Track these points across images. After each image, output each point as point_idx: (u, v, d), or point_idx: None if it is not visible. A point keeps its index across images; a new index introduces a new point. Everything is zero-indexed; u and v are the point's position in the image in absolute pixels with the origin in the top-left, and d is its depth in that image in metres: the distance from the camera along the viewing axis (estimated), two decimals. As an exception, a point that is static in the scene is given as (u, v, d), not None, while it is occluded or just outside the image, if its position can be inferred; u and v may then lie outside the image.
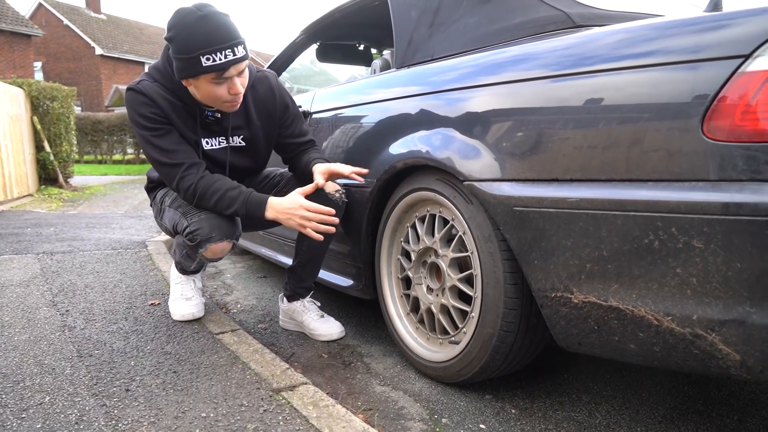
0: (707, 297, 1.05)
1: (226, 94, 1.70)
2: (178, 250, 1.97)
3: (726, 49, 1.02)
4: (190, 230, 1.78)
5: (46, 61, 25.81)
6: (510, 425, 1.48)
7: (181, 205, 1.87)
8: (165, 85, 1.77)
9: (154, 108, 1.74)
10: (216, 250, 1.83)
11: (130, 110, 1.77)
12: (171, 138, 1.78)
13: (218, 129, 1.89)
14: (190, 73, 1.64)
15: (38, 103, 8.40)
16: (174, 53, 1.63)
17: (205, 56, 1.59)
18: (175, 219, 1.87)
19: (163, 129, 1.77)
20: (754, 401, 1.61)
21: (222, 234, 1.79)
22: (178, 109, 1.79)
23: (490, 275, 1.45)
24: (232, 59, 1.62)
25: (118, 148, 16.66)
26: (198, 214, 1.80)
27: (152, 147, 1.77)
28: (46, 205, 6.72)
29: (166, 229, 2.01)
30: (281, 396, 1.48)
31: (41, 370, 1.62)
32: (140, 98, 1.74)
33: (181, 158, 1.77)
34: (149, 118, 1.74)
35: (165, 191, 2.01)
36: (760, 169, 0.97)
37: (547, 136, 1.27)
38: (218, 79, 1.65)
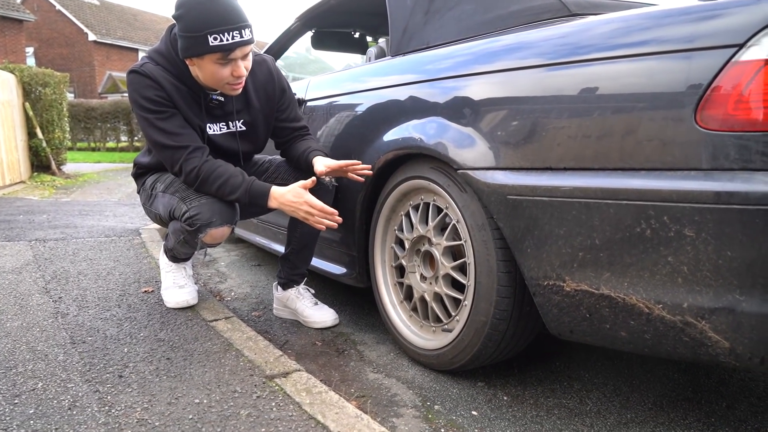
0: (698, 285, 1.05)
1: (229, 75, 1.70)
2: (173, 237, 1.95)
3: (720, 39, 1.02)
4: (190, 215, 1.78)
5: (38, 47, 25.54)
6: (502, 412, 1.50)
7: (179, 190, 1.85)
8: (168, 69, 1.76)
9: (159, 90, 1.73)
10: (216, 235, 1.82)
11: (133, 93, 1.75)
12: (175, 121, 1.77)
13: (221, 113, 1.88)
14: (196, 51, 1.64)
15: (30, 89, 8.31)
16: (181, 31, 1.63)
17: (212, 35, 1.60)
18: (172, 204, 1.85)
19: (168, 112, 1.76)
20: (743, 388, 1.63)
21: (222, 219, 1.79)
22: (183, 93, 1.78)
23: (483, 263, 1.45)
24: (239, 41, 1.63)
25: (112, 135, 16.54)
26: (198, 199, 1.79)
27: (156, 130, 1.75)
28: (38, 192, 6.68)
29: (156, 216, 2.00)
30: (274, 383, 1.48)
31: (34, 356, 1.62)
32: (145, 81, 1.73)
33: (186, 141, 1.76)
34: (154, 101, 1.73)
35: (156, 177, 1.99)
36: (752, 158, 0.98)
37: (542, 125, 1.27)
38: (223, 60, 1.66)
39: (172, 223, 1.92)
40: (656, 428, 1.41)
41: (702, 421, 1.45)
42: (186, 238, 1.86)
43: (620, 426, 1.43)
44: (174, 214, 1.85)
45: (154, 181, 1.99)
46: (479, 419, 1.46)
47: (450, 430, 1.41)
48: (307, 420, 1.30)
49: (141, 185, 2.06)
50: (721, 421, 1.45)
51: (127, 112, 15.04)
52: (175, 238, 1.93)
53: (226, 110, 1.88)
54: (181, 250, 2.01)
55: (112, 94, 23.30)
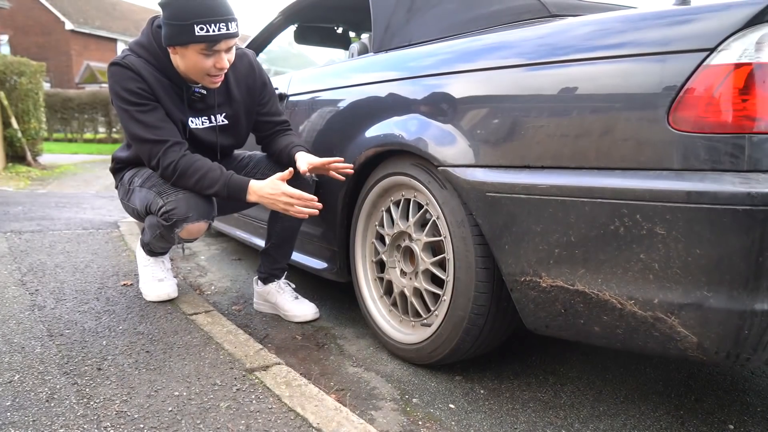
0: (668, 282, 1.09)
1: (212, 67, 1.70)
2: (149, 231, 1.94)
3: (692, 43, 1.05)
4: (166, 209, 1.77)
5: (13, 35, 24.92)
6: (478, 405, 1.53)
7: (156, 185, 1.84)
8: (150, 61, 1.75)
9: (141, 83, 1.72)
10: (192, 230, 1.82)
11: (114, 85, 1.73)
12: (156, 114, 1.75)
13: (203, 107, 1.87)
14: (181, 40, 1.63)
15: (5, 78, 8.13)
16: (167, 18, 1.63)
17: (199, 25, 1.60)
18: (149, 198, 1.84)
19: (149, 105, 1.74)
20: (711, 382, 1.68)
21: (199, 214, 1.78)
22: (165, 86, 1.77)
23: (462, 259, 1.48)
24: (225, 33, 1.64)
25: (89, 126, 16.23)
26: (175, 194, 1.78)
27: (135, 123, 1.74)
28: (13, 183, 6.55)
29: (133, 211, 1.98)
30: (254, 376, 1.49)
31: (10, 348, 1.61)
32: (127, 73, 1.71)
33: (165, 135, 1.75)
34: (135, 93, 1.72)
35: (134, 172, 1.97)
36: (720, 159, 1.01)
37: (521, 123, 1.30)
38: (207, 50, 1.66)
39: (148, 218, 1.91)
40: (627, 421, 1.46)
41: (671, 414, 1.49)
42: (162, 233, 1.85)
43: (593, 418, 1.47)
44: (150, 208, 1.84)
45: (132, 176, 1.97)
46: (456, 412, 1.49)
47: (428, 422, 1.44)
48: (286, 412, 1.31)
49: (119, 180, 2.04)
50: (690, 414, 1.49)
51: (105, 103, 14.77)
52: (152, 232, 1.91)
53: (208, 103, 1.88)
54: (157, 245, 2.00)
55: (90, 85, 22.87)
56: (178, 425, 1.25)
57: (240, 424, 1.25)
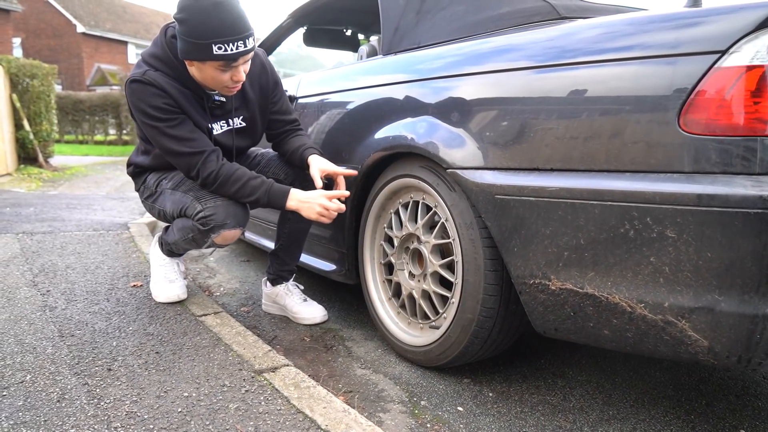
0: (678, 285, 1.08)
1: (228, 80, 1.70)
2: (179, 233, 1.93)
3: (703, 45, 1.05)
4: (205, 215, 1.78)
5: (26, 38, 25.21)
6: (487, 408, 1.52)
7: (192, 189, 1.85)
8: (169, 73, 1.73)
9: (166, 98, 1.71)
10: (228, 237, 1.83)
11: (139, 102, 1.71)
12: (186, 126, 1.75)
13: (221, 113, 1.88)
14: (198, 57, 1.62)
15: (17, 81, 8.21)
16: (183, 35, 1.60)
17: (216, 45, 1.58)
18: (185, 202, 1.85)
19: (178, 118, 1.74)
20: (722, 386, 1.67)
21: (236, 221, 1.81)
22: (188, 97, 1.77)
23: (471, 262, 1.48)
24: (242, 50, 1.62)
25: (100, 128, 16.37)
26: (213, 200, 1.79)
27: (168, 138, 1.74)
28: (25, 185, 6.62)
29: (159, 213, 1.98)
30: (263, 377, 1.50)
31: (22, 349, 1.62)
32: (150, 89, 1.70)
33: (200, 146, 1.76)
34: (162, 109, 1.71)
35: (160, 175, 1.97)
36: (732, 162, 1.01)
37: (530, 126, 1.29)
38: (224, 67, 1.65)
39: (180, 220, 1.90)
40: (637, 425, 1.45)
41: (682, 419, 1.48)
42: (195, 237, 1.86)
43: (602, 422, 1.46)
44: (186, 212, 1.85)
45: (158, 179, 1.97)
46: (465, 415, 1.49)
47: (436, 425, 1.43)
48: (295, 414, 1.31)
49: (141, 183, 2.04)
50: (701, 419, 1.48)
51: (116, 105, 14.90)
52: (182, 234, 1.91)
53: (226, 108, 1.88)
54: (184, 247, 2.00)
55: (101, 87, 23.06)
56: (187, 426, 1.25)
57: (249, 426, 1.26)
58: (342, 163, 1.94)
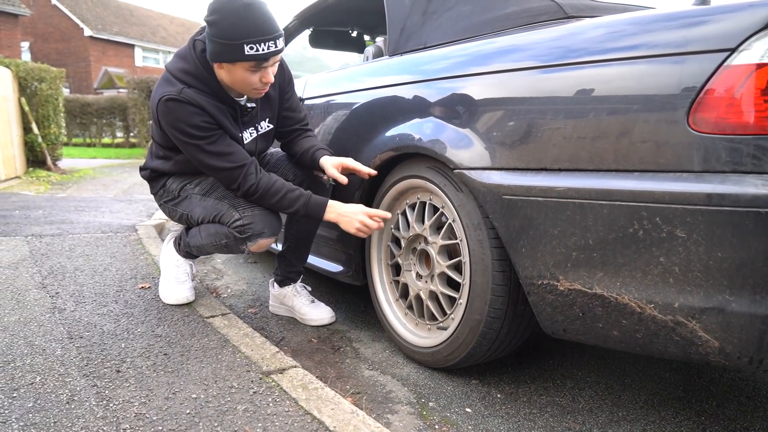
0: (688, 285, 1.07)
1: (257, 81, 1.70)
2: (210, 238, 1.92)
3: (712, 43, 1.04)
4: (243, 223, 1.80)
5: (34, 42, 25.40)
6: (495, 409, 1.52)
7: (226, 197, 1.87)
8: (204, 90, 1.73)
9: (204, 116, 1.71)
10: (263, 245, 1.85)
11: (176, 121, 1.70)
12: (224, 141, 1.76)
13: (249, 119, 1.89)
14: (229, 58, 1.63)
15: (26, 84, 8.27)
16: (214, 37, 1.61)
17: (248, 45, 1.59)
18: (220, 209, 1.86)
19: (216, 134, 1.74)
20: (733, 387, 1.65)
21: (271, 230, 1.83)
22: (223, 111, 1.77)
23: (478, 262, 1.47)
24: (273, 50, 1.63)
25: (108, 131, 16.46)
26: (251, 209, 1.82)
27: (208, 154, 1.74)
28: (34, 188, 6.66)
29: (181, 216, 1.98)
30: (271, 378, 1.50)
31: (32, 350, 1.63)
32: (188, 108, 1.69)
33: (240, 159, 1.77)
34: (202, 127, 1.71)
35: (183, 180, 1.96)
36: (742, 161, 1.00)
37: (537, 126, 1.29)
38: (255, 68, 1.65)
39: (213, 226, 1.90)
40: (647, 426, 1.44)
41: (692, 420, 1.47)
42: (229, 243, 1.87)
43: (612, 423, 1.45)
44: (221, 219, 1.86)
45: (181, 184, 1.96)
46: (473, 416, 1.48)
47: (444, 426, 1.43)
48: (303, 415, 1.31)
49: (160, 186, 2.02)
50: (711, 420, 1.47)
51: (123, 108, 14.96)
52: (213, 240, 1.91)
53: (253, 114, 1.89)
54: (210, 252, 2.00)
55: (108, 90, 23.20)
56: (195, 428, 1.25)
57: (257, 427, 1.26)
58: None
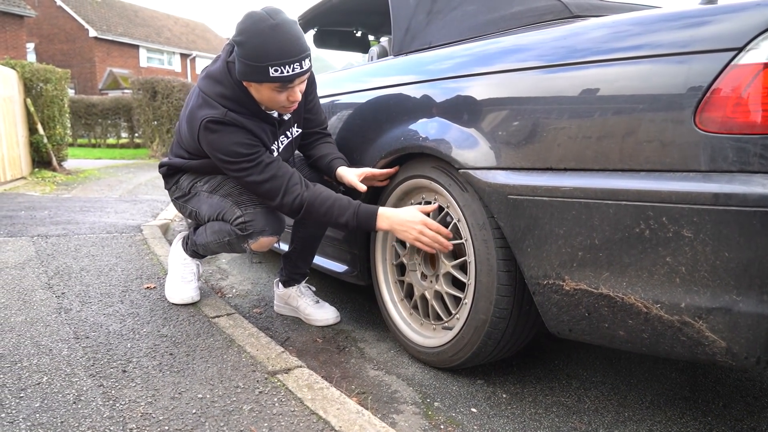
0: (695, 285, 1.07)
1: (285, 100, 1.69)
2: (214, 236, 1.92)
3: (719, 42, 1.03)
4: (244, 220, 1.80)
5: (39, 43, 25.51)
6: (501, 409, 1.52)
7: (231, 194, 1.86)
8: (244, 113, 1.73)
9: (249, 135, 1.72)
10: (264, 243, 1.84)
11: (222, 142, 1.70)
12: (265, 156, 1.75)
13: (283, 128, 1.89)
14: (255, 79, 1.62)
15: (31, 85, 8.31)
16: (241, 57, 1.60)
17: (273, 67, 1.57)
18: (223, 207, 1.86)
19: (259, 149, 1.75)
20: (739, 388, 1.64)
21: (273, 229, 1.82)
22: (264, 130, 1.78)
23: (483, 262, 1.47)
24: (299, 72, 1.61)
25: (112, 132, 16.51)
26: (253, 206, 1.81)
27: (251, 170, 1.73)
28: (39, 188, 6.69)
29: (191, 213, 1.99)
30: (276, 378, 1.50)
31: (38, 351, 1.64)
32: (233, 129, 1.70)
33: (282, 173, 1.75)
34: (247, 145, 1.71)
35: (195, 177, 1.96)
36: (749, 160, 0.99)
37: (543, 125, 1.29)
38: (281, 88, 1.64)
39: (216, 224, 1.91)
40: (653, 426, 1.43)
41: (699, 420, 1.46)
42: (231, 241, 1.87)
43: (617, 424, 1.44)
44: (224, 216, 1.86)
45: (192, 181, 1.96)
46: (478, 416, 1.48)
47: (449, 426, 1.43)
48: (309, 415, 1.31)
49: (174, 183, 2.03)
50: (718, 420, 1.46)
51: (127, 108, 15.01)
52: (217, 237, 1.91)
53: (286, 123, 1.89)
54: (215, 250, 2.00)
55: (113, 91, 23.28)
56: (202, 427, 1.26)
57: (263, 427, 1.26)
58: (353, 165, 1.95)
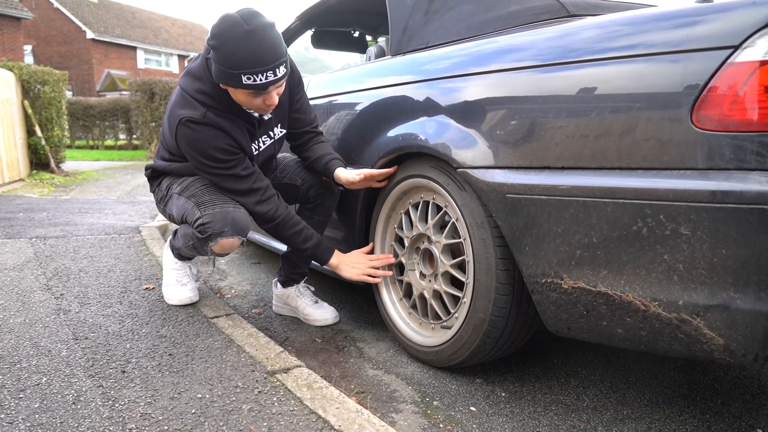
0: (693, 283, 1.07)
1: (261, 104, 1.68)
2: (182, 240, 1.93)
3: (716, 40, 1.04)
4: (202, 222, 1.76)
5: (36, 45, 25.48)
6: (500, 407, 1.52)
7: (194, 195, 1.84)
8: (223, 110, 1.72)
9: (228, 138, 1.71)
10: (225, 246, 1.81)
11: (199, 143, 1.71)
12: (243, 163, 1.76)
13: (264, 129, 1.89)
14: (229, 84, 1.62)
15: (29, 87, 8.31)
16: (215, 61, 1.59)
17: (245, 75, 1.56)
18: (186, 208, 1.84)
19: (237, 157, 1.75)
20: (737, 385, 1.65)
21: (234, 230, 1.78)
22: (243, 129, 1.77)
23: (482, 261, 1.47)
24: (272, 80, 1.59)
25: (110, 133, 16.51)
26: (212, 207, 1.78)
27: (226, 178, 1.75)
28: (38, 190, 6.68)
29: (170, 216, 1.99)
30: (276, 378, 1.50)
31: (37, 351, 1.64)
32: (212, 131, 1.69)
33: (258, 183, 1.79)
34: (225, 150, 1.71)
35: (172, 180, 1.97)
36: (746, 158, 1.00)
37: (540, 124, 1.29)
38: (255, 94, 1.64)
39: (183, 227, 1.91)
40: (652, 424, 1.43)
41: (697, 418, 1.47)
42: (195, 244, 1.86)
43: (616, 422, 1.45)
44: (186, 218, 1.85)
45: (169, 183, 1.97)
46: (477, 415, 1.48)
47: (448, 425, 1.43)
48: (308, 414, 1.32)
49: (156, 186, 2.04)
50: (716, 418, 1.47)
51: (125, 110, 15.00)
52: (185, 241, 1.91)
53: (267, 123, 1.88)
54: (188, 253, 2.01)
55: (111, 92, 23.25)
56: (201, 427, 1.26)
57: (263, 427, 1.26)
58: (351, 165, 1.95)
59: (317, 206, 2.04)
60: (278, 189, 2.00)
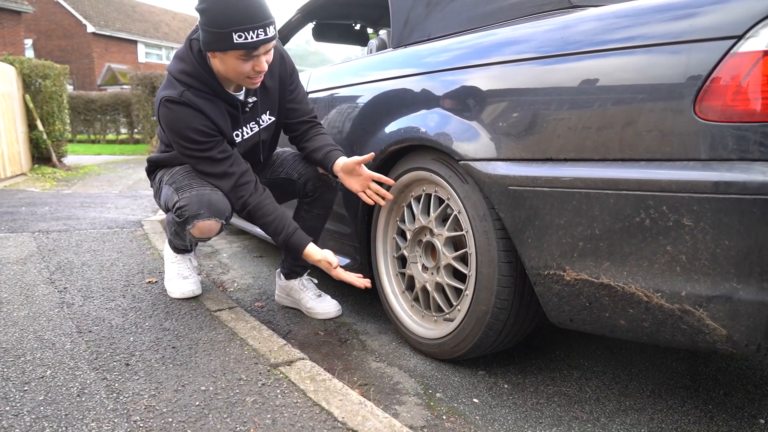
0: (696, 274, 1.07)
1: (250, 70, 1.67)
2: (168, 228, 1.96)
3: (719, 30, 1.03)
4: (179, 206, 1.76)
5: (37, 39, 25.41)
6: (502, 399, 1.52)
7: (176, 181, 1.84)
8: (203, 90, 1.72)
9: (204, 119, 1.71)
10: (203, 229, 1.79)
11: (176, 123, 1.70)
12: (220, 146, 1.76)
13: (250, 114, 1.88)
14: (219, 47, 1.61)
15: (30, 81, 8.30)
16: (204, 25, 1.59)
17: (237, 33, 1.56)
18: (168, 195, 1.85)
19: (215, 139, 1.74)
20: (740, 376, 1.65)
21: (211, 212, 1.76)
22: (222, 111, 1.76)
23: (484, 253, 1.47)
24: (263, 38, 1.60)
25: (112, 127, 16.50)
26: (189, 190, 1.77)
27: (201, 160, 1.75)
28: (39, 185, 6.69)
29: (162, 207, 2.01)
30: (279, 371, 1.51)
31: (41, 345, 1.65)
32: (189, 111, 1.68)
33: (233, 168, 1.78)
34: (202, 132, 1.71)
35: (164, 170, 1.98)
36: (749, 148, 0.99)
37: (542, 116, 1.29)
38: (246, 56, 1.63)
39: (168, 214, 1.93)
40: (654, 415, 1.44)
41: (700, 408, 1.47)
42: (176, 230, 1.86)
43: (619, 413, 1.45)
44: (168, 204, 1.86)
45: (162, 175, 1.98)
46: (480, 407, 1.49)
47: (451, 417, 1.44)
48: (312, 406, 1.32)
49: (153, 179, 2.06)
50: (719, 408, 1.47)
51: (126, 104, 14.99)
52: (169, 229, 1.93)
53: (254, 108, 1.88)
54: (176, 242, 2.02)
55: (112, 86, 23.23)
56: (205, 419, 1.26)
57: (266, 418, 1.27)
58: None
59: (315, 200, 2.04)
60: (275, 184, 2.00)
